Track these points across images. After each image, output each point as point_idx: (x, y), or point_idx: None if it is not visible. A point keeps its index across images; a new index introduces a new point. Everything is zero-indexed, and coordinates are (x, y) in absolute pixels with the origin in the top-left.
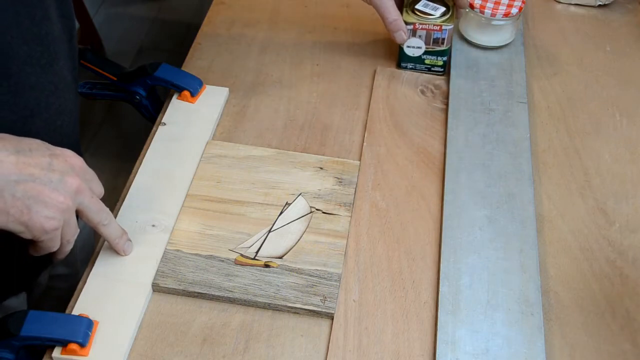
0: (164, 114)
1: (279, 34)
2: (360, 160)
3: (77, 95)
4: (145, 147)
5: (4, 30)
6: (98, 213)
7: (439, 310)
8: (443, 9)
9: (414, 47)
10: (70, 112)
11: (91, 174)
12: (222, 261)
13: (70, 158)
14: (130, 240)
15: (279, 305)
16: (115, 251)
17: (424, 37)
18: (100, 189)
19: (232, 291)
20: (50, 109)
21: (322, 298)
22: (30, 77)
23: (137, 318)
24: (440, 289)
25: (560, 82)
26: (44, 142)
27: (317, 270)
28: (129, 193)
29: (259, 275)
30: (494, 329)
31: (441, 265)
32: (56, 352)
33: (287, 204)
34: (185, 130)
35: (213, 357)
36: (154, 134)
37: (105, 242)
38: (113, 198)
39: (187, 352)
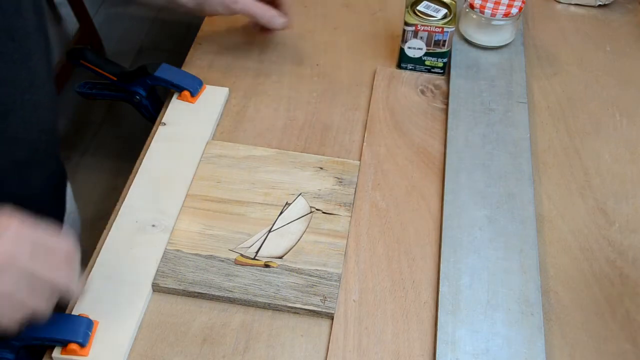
0: (164, 114)
1: (279, 34)
2: (360, 160)
3: (54, 91)
4: (145, 147)
5: None
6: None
7: (439, 310)
8: (445, 11)
9: (415, 48)
10: (47, 108)
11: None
12: (222, 261)
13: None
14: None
15: (279, 305)
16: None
17: (425, 39)
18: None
19: (232, 291)
20: (26, 106)
21: (322, 298)
22: (3, 72)
23: (137, 318)
24: (440, 289)
25: (560, 82)
26: None
27: (317, 270)
28: (129, 193)
29: (259, 275)
30: (494, 329)
31: (441, 265)
32: (56, 352)
33: (287, 204)
34: (185, 130)
35: (213, 357)
36: (154, 134)
37: (105, 243)
38: (113, 198)
39: (187, 352)
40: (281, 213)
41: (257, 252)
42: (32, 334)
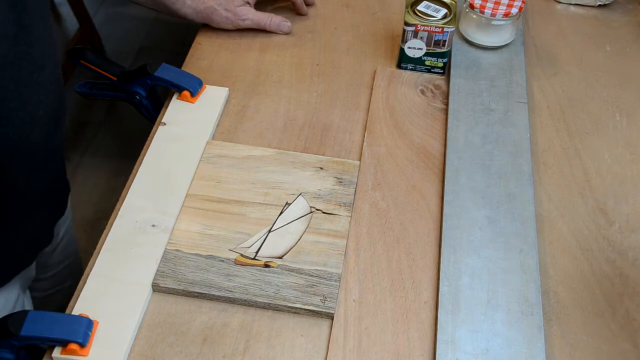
0: (164, 114)
1: (279, 34)
2: (360, 160)
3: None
4: (145, 147)
5: None
6: None
7: (439, 310)
8: (445, 11)
9: (415, 48)
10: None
11: None
12: (222, 261)
13: None
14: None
15: (279, 305)
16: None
17: (425, 39)
18: None
19: (232, 291)
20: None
21: (322, 298)
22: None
23: (137, 318)
24: (440, 289)
25: (560, 82)
26: None
27: (317, 270)
28: (129, 193)
29: (259, 275)
30: (494, 329)
31: (441, 265)
32: (56, 352)
33: (287, 204)
34: (185, 130)
35: (213, 357)
36: (154, 134)
37: (105, 243)
38: (113, 198)
39: (187, 352)
40: (281, 213)
41: (257, 252)
42: (32, 333)
